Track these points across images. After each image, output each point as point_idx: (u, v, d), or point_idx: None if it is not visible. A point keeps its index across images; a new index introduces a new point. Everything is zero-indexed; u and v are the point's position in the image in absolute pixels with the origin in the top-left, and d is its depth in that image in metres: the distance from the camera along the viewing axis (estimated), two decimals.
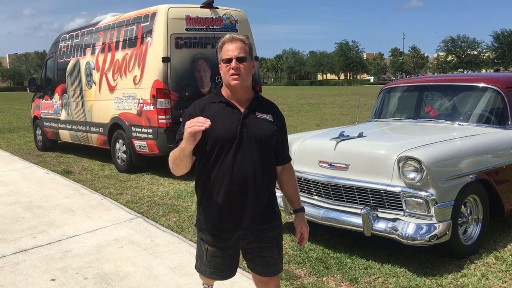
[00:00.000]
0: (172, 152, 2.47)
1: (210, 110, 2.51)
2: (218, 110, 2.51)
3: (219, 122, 2.44)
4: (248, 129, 2.48)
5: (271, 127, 2.52)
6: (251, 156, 2.46)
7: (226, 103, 2.52)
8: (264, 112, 2.55)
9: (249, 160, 2.46)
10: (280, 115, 2.65)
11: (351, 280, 4.05)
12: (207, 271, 2.70)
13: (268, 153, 2.54)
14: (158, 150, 8.23)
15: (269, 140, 2.53)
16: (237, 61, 2.44)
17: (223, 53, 2.48)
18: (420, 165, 4.03)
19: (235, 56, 2.44)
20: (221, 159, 2.47)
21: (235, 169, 2.46)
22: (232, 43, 2.47)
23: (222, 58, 2.48)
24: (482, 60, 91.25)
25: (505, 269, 4.17)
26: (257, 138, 2.47)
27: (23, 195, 7.35)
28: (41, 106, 12.18)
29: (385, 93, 6.36)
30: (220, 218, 2.56)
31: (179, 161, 2.42)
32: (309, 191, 4.93)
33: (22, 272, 4.39)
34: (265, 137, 2.50)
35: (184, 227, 5.58)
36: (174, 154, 2.44)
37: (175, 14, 8.17)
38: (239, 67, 2.44)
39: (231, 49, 2.46)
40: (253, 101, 2.55)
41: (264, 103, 2.61)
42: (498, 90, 5.20)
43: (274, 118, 2.57)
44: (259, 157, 2.48)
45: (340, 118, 19.00)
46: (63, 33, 11.63)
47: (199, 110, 2.52)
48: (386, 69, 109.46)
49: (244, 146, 2.46)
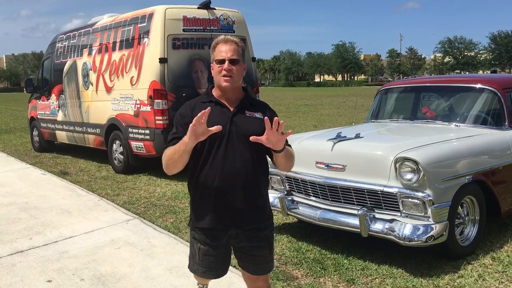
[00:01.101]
0: (168, 149, 2.50)
1: (200, 109, 2.51)
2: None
3: (209, 121, 2.47)
4: (238, 126, 2.52)
5: (260, 124, 2.52)
6: (241, 153, 2.49)
7: (216, 102, 2.57)
8: (253, 111, 2.59)
9: (239, 157, 2.48)
10: (270, 110, 2.67)
11: (348, 281, 4.05)
12: (200, 270, 2.73)
13: (258, 150, 2.54)
14: (155, 151, 8.22)
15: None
16: (229, 63, 2.49)
17: (217, 53, 2.53)
18: (417, 166, 4.04)
19: (228, 58, 2.49)
20: (211, 157, 2.51)
21: (225, 167, 2.49)
22: (226, 44, 2.52)
23: (215, 59, 2.53)
24: (479, 61, 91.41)
25: (502, 270, 4.17)
26: (247, 135, 2.48)
27: (20, 196, 7.33)
28: (38, 107, 12.15)
29: (382, 94, 6.37)
30: (212, 216, 2.58)
31: (177, 156, 2.44)
32: (306, 192, 4.92)
33: (18, 273, 4.37)
34: (254, 134, 2.50)
35: (181, 228, 5.57)
36: (172, 150, 2.46)
37: (172, 15, 8.16)
38: (231, 69, 2.50)
39: (224, 50, 2.51)
40: (242, 101, 2.60)
41: (254, 103, 2.65)
42: (495, 91, 5.21)
43: (265, 115, 2.58)
44: (249, 154, 2.51)
45: (337, 119, 19.02)
46: (60, 34, 11.61)
47: (189, 110, 2.57)
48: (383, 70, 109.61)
49: (233, 143, 2.50)
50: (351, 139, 4.75)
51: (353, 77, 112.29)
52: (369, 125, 6.08)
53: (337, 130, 5.37)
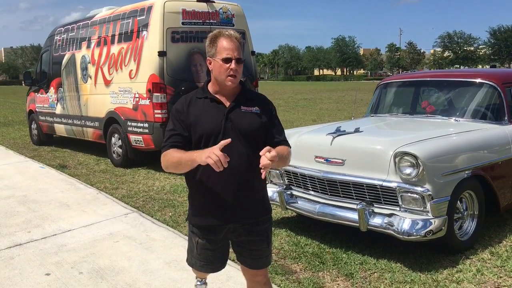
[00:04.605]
0: (171, 154, 2.48)
1: (196, 105, 2.54)
2: (203, 106, 2.53)
3: (204, 117, 2.48)
4: (233, 122, 2.49)
5: (256, 120, 2.52)
6: (237, 149, 2.46)
7: (211, 99, 2.54)
8: (249, 105, 2.55)
9: (235, 153, 2.45)
10: (268, 103, 2.64)
11: (347, 275, 4.05)
12: (198, 264, 2.74)
13: (255, 145, 2.51)
14: (154, 145, 8.21)
15: (255, 133, 2.53)
16: (236, 63, 2.45)
17: (220, 49, 2.46)
18: (416, 160, 4.03)
19: (235, 57, 2.45)
20: None
21: None
22: (231, 41, 2.46)
23: (221, 57, 2.45)
24: (478, 56, 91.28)
25: (500, 265, 4.18)
26: (242, 131, 2.48)
27: (18, 189, 7.32)
28: (37, 100, 12.12)
29: (382, 88, 6.35)
30: (209, 213, 2.58)
31: (182, 167, 2.46)
32: (305, 186, 4.92)
33: (16, 266, 4.37)
34: (250, 130, 2.50)
35: (180, 221, 5.57)
36: (177, 159, 2.45)
37: (171, 8, 8.12)
38: (237, 69, 2.46)
39: (230, 48, 2.45)
40: (238, 96, 2.56)
41: (250, 97, 2.61)
42: (494, 86, 5.19)
43: (261, 109, 2.57)
44: (245, 150, 2.49)
45: (336, 113, 19.01)
46: (59, 27, 11.55)
47: (185, 106, 2.55)
48: (383, 65, 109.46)
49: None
50: (351, 134, 4.74)
51: (352, 72, 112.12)
52: (368, 119, 6.06)
53: (337, 124, 5.35)
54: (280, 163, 2.55)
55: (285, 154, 2.56)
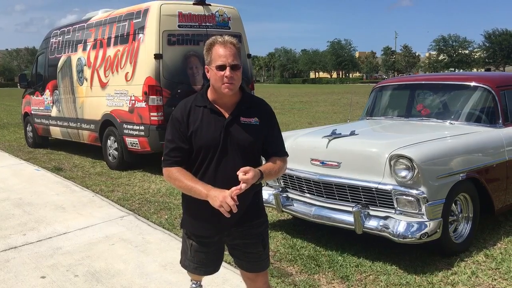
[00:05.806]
0: (181, 180, 2.46)
1: (195, 115, 2.50)
2: (203, 115, 2.49)
3: (203, 129, 2.45)
4: (232, 135, 2.47)
5: (255, 133, 2.49)
6: (234, 162, 2.45)
7: (211, 109, 2.50)
8: (249, 116, 2.51)
9: (232, 167, 2.43)
10: (268, 112, 2.60)
11: (342, 278, 4.06)
12: (191, 266, 2.74)
13: (252, 159, 2.51)
14: (149, 147, 8.20)
15: (252, 146, 2.51)
16: (231, 69, 2.39)
17: (215, 57, 2.42)
18: (411, 163, 4.05)
19: (229, 64, 2.39)
20: (204, 165, 2.49)
21: (217, 177, 2.47)
22: (225, 47, 2.41)
23: (216, 65, 2.41)
24: (473, 59, 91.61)
25: (495, 267, 4.20)
26: (240, 144, 2.47)
27: (13, 192, 7.30)
28: (32, 103, 12.08)
29: (377, 91, 6.38)
30: (203, 224, 2.59)
31: (188, 192, 2.48)
32: (301, 188, 4.93)
33: (12, 269, 4.35)
34: (248, 143, 2.48)
35: (176, 224, 5.56)
36: (185, 185, 2.45)
37: (168, 11, 8.13)
38: (233, 76, 2.40)
39: (224, 55, 2.40)
40: (238, 105, 2.52)
41: (251, 105, 2.55)
42: (489, 89, 5.22)
43: (261, 119, 2.53)
44: (241, 161, 2.45)
45: (332, 116, 19.04)
46: (54, 29, 11.54)
47: (185, 115, 2.50)
48: (378, 68, 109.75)
49: (227, 153, 2.46)
50: (346, 136, 4.75)
51: (348, 75, 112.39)
52: (364, 122, 6.09)
53: (332, 127, 5.37)
54: (268, 178, 2.54)
55: (274, 169, 2.53)
